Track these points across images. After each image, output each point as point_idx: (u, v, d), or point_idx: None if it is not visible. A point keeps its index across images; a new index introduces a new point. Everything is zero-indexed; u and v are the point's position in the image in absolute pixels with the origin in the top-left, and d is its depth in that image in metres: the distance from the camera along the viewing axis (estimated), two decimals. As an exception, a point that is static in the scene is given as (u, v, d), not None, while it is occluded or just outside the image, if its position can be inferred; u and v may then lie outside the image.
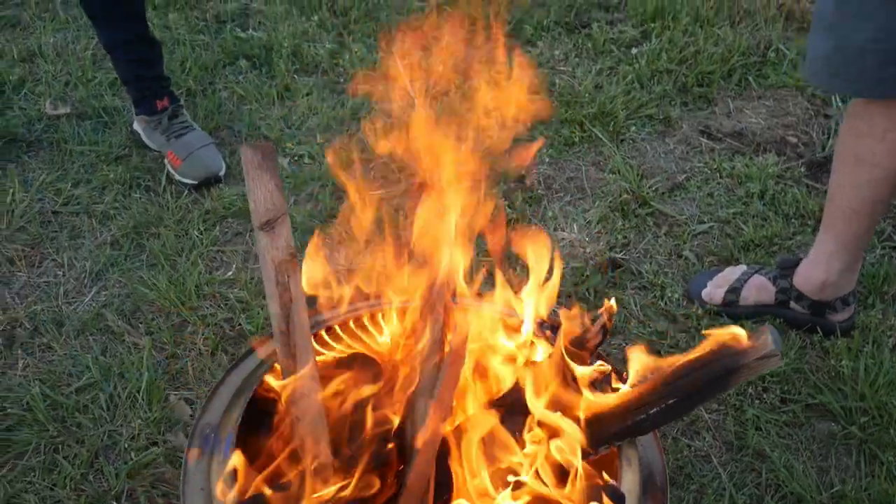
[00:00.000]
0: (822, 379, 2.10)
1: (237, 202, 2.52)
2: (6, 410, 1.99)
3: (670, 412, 1.25)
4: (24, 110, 2.82)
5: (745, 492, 1.90)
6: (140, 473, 1.88)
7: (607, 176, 2.66)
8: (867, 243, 2.06)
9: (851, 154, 1.91)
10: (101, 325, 2.18)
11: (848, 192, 1.97)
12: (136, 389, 2.02)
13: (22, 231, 2.42)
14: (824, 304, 2.16)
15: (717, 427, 2.02)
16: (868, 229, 2.01)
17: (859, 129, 1.87)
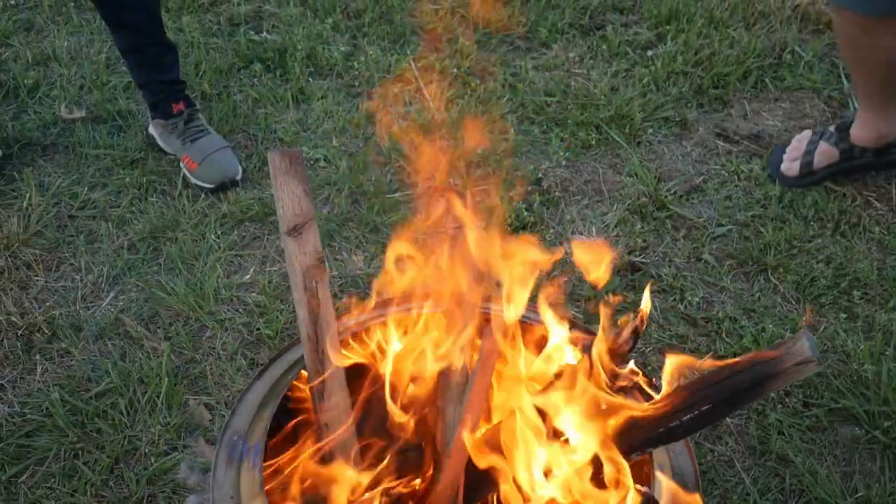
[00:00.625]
0: (845, 383, 2.09)
1: (254, 206, 2.51)
2: (26, 416, 1.99)
3: (704, 419, 1.23)
4: (39, 114, 2.81)
5: (769, 497, 1.89)
6: (161, 479, 1.88)
7: (624, 179, 2.65)
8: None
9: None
10: (119, 330, 2.18)
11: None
12: (156, 394, 2.02)
13: (39, 235, 2.42)
14: (883, 149, 2.56)
15: (740, 432, 2.00)
16: (893, 85, 2.40)
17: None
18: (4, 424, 1.97)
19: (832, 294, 2.30)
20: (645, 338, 2.17)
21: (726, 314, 2.23)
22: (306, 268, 1.37)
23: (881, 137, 2.56)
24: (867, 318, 2.24)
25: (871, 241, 2.46)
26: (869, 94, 2.47)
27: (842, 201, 2.57)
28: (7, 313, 2.18)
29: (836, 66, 3.06)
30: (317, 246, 1.38)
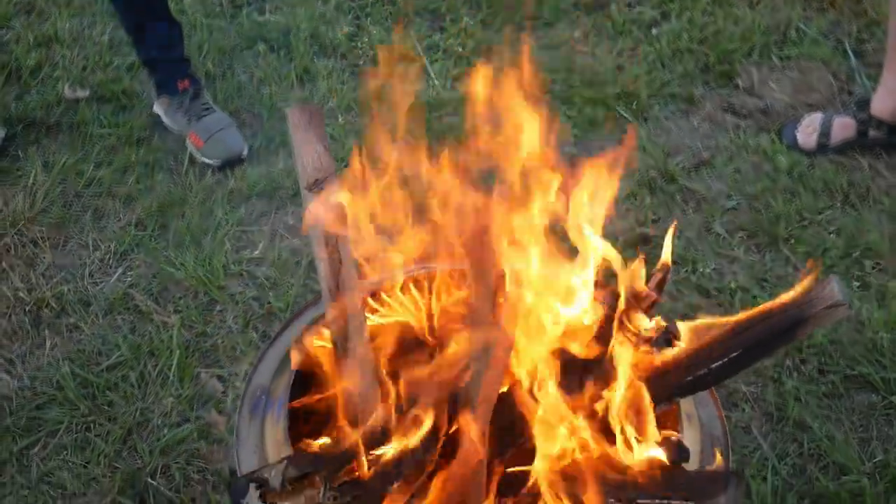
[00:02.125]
0: (860, 351, 2.08)
1: (261, 182, 2.49)
2: (36, 389, 1.97)
3: (732, 366, 1.22)
4: (42, 95, 2.79)
5: (787, 462, 1.88)
6: (174, 449, 1.86)
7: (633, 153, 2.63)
8: None
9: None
10: (128, 305, 2.16)
11: None
12: (167, 367, 2.00)
13: (45, 213, 2.39)
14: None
15: (756, 399, 1.99)
16: None
17: None
18: (15, 398, 1.95)
19: (844, 264, 2.29)
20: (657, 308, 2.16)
21: (738, 284, 2.22)
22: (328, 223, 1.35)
23: None
24: (880, 288, 2.23)
25: (881, 213, 2.45)
26: None
27: (850, 173, 2.57)
28: (14, 289, 2.16)
29: (840, 43, 3.05)
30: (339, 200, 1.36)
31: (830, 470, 1.87)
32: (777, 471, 1.85)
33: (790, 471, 1.87)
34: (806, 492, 1.83)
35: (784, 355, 2.07)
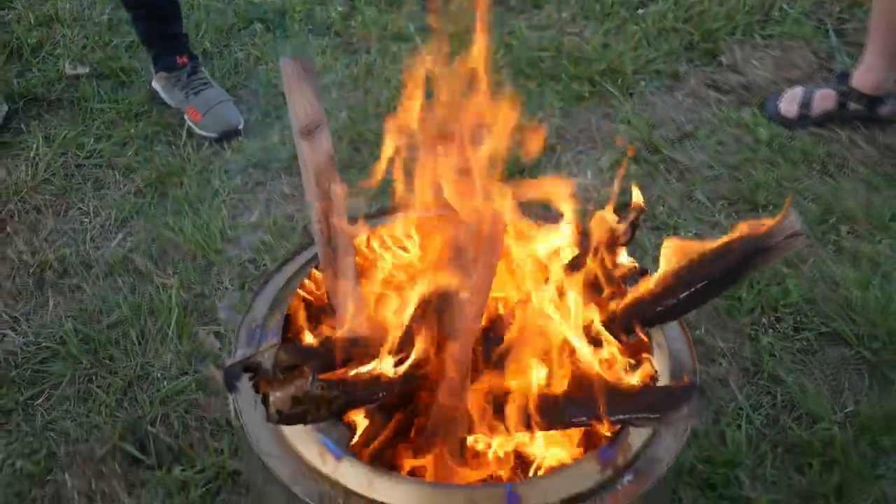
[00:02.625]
0: (834, 309, 2.16)
1: (257, 154, 2.57)
2: (40, 345, 2.04)
3: (699, 296, 1.30)
4: (44, 72, 2.87)
5: (761, 412, 1.95)
6: (173, 400, 1.93)
7: (618, 126, 2.71)
8: None
9: None
10: (129, 267, 2.23)
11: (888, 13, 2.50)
12: (166, 325, 2.07)
13: (47, 182, 2.47)
14: (876, 99, 2.67)
15: (733, 354, 2.07)
16: None
17: None
18: (20, 353, 2.02)
19: (821, 229, 2.37)
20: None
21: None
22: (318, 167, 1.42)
23: (878, 87, 2.66)
24: (854, 251, 2.31)
25: (857, 181, 2.53)
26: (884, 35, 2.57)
27: (829, 145, 2.65)
28: (19, 252, 2.24)
29: (822, 22, 3.14)
30: (328, 147, 1.43)
31: (803, 420, 1.95)
32: (751, 420, 1.93)
33: (764, 421, 1.94)
34: (779, 440, 1.91)
35: (760, 313, 2.15)
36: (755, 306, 2.15)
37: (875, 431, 1.90)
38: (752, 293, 2.17)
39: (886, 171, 2.58)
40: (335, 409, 0.98)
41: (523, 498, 1.15)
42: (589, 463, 1.19)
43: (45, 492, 1.78)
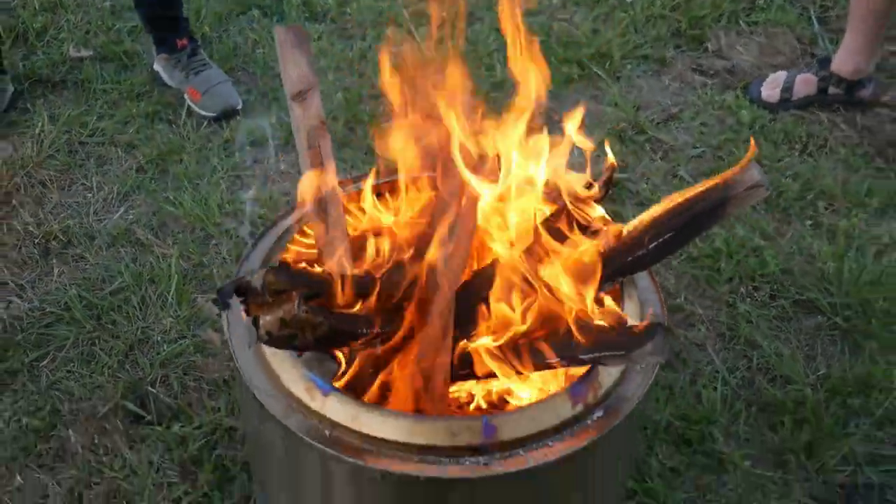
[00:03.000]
0: (810, 280, 2.24)
1: (254, 132, 2.65)
2: (45, 310, 2.12)
3: (667, 246, 1.38)
4: (48, 55, 2.95)
5: (737, 375, 2.04)
6: (173, 362, 2.02)
7: (605, 108, 2.80)
8: (883, 37, 2.72)
9: None
10: (130, 238, 2.32)
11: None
12: (166, 291, 2.16)
13: (51, 158, 2.55)
14: (856, 83, 2.76)
15: (711, 321, 2.15)
16: (882, 26, 2.65)
17: None
18: (25, 318, 2.11)
19: (799, 205, 2.46)
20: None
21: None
22: (310, 129, 1.51)
23: (858, 71, 2.75)
24: (831, 226, 2.39)
25: (836, 161, 2.62)
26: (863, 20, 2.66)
27: (810, 126, 2.73)
28: (24, 223, 2.32)
29: (806, 10, 3.22)
30: (319, 110, 1.52)
31: (777, 382, 2.03)
32: (727, 382, 2.01)
33: (739, 382, 2.03)
34: (753, 400, 1.99)
35: (738, 283, 2.23)
36: (733, 276, 2.24)
37: (845, 393, 1.98)
38: (731, 264, 2.25)
39: (864, 152, 2.66)
40: (320, 334, 1.07)
41: (499, 429, 1.23)
42: (561, 399, 1.27)
43: (49, 446, 1.86)
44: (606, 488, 1.42)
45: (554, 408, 1.27)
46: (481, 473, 1.21)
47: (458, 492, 1.24)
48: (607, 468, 1.38)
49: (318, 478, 1.29)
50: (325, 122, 1.53)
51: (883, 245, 2.33)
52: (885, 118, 2.79)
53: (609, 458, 1.35)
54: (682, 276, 2.25)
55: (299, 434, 1.24)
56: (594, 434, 1.27)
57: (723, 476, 1.84)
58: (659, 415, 1.91)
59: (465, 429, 1.23)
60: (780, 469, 1.86)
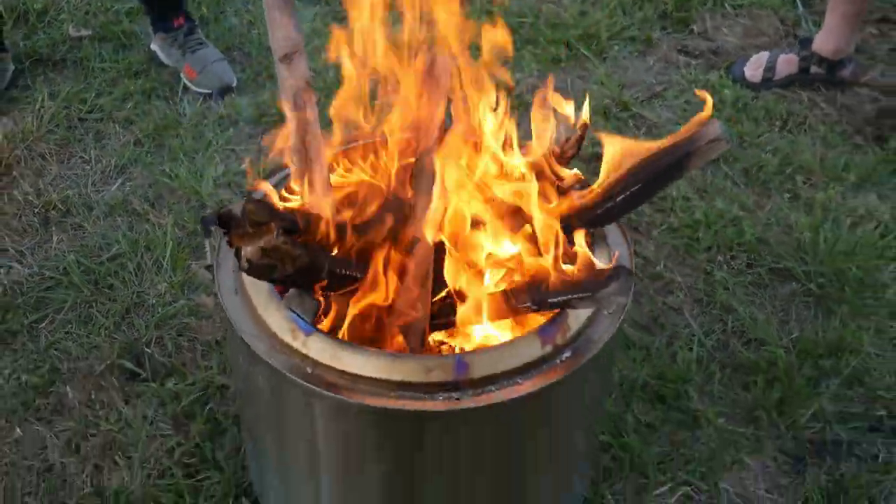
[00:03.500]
0: (786, 249, 2.31)
1: (249, 109, 2.72)
2: (44, 275, 2.20)
3: (635, 198, 1.45)
4: (49, 35, 3.02)
5: (712, 337, 2.11)
6: (167, 324, 2.09)
7: (591, 86, 2.87)
8: (863, 18, 2.83)
9: None
10: (127, 209, 2.39)
11: None
12: (162, 257, 2.23)
13: (51, 133, 2.63)
14: (837, 63, 2.83)
15: (689, 287, 2.22)
16: (862, 9, 2.75)
17: None
18: (25, 282, 2.18)
19: (778, 179, 2.53)
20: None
21: (680, 194, 2.45)
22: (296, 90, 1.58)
23: (838, 51, 2.82)
24: (808, 199, 2.46)
25: (815, 137, 2.69)
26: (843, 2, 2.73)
27: (791, 104, 2.80)
28: (25, 193, 2.39)
29: (790, -8, 3.30)
30: (305, 71, 1.59)
31: (751, 345, 2.10)
32: (703, 344, 2.08)
33: (714, 345, 2.10)
34: (728, 362, 2.06)
35: (716, 252, 2.30)
36: (712, 245, 2.30)
37: (817, 355, 2.05)
38: (709, 233, 2.32)
39: (843, 129, 2.73)
40: (299, 266, 1.14)
41: (470, 366, 1.30)
42: (530, 339, 1.34)
43: (48, 401, 1.93)
44: (574, 428, 1.49)
45: (524, 348, 1.33)
46: (453, 407, 1.28)
47: (431, 425, 1.31)
48: (575, 407, 1.45)
49: (300, 414, 1.36)
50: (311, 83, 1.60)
51: (858, 217, 2.40)
52: (864, 97, 2.86)
53: (576, 397, 1.42)
54: (663, 246, 2.32)
55: (283, 371, 1.31)
56: (562, 373, 1.33)
57: (696, 432, 1.91)
58: (636, 373, 1.99)
59: (439, 366, 1.30)
60: (752, 425, 1.93)
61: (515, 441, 1.39)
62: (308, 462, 1.43)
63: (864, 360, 2.05)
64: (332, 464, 1.40)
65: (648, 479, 1.82)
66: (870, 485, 1.83)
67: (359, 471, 1.39)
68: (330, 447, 1.38)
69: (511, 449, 1.40)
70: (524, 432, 1.38)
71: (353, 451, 1.37)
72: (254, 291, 1.40)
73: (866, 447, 1.91)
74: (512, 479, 1.46)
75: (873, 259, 2.26)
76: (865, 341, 2.07)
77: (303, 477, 1.46)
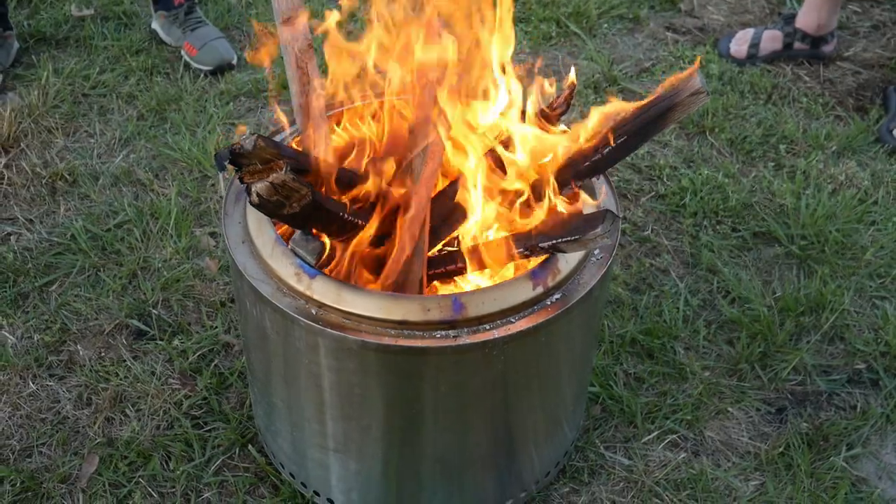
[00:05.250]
0: (770, 214, 2.39)
1: (248, 84, 2.80)
2: (53, 241, 2.27)
3: (620, 150, 1.53)
4: (52, 15, 3.09)
5: (698, 296, 2.19)
6: (173, 286, 2.16)
7: (581, 62, 2.95)
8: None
9: None
10: (132, 179, 2.46)
11: None
12: (166, 224, 2.30)
13: (56, 108, 2.70)
14: (819, 39, 2.93)
15: (676, 250, 2.31)
16: None
17: None
18: (35, 248, 2.25)
19: (762, 149, 2.61)
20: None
21: (668, 163, 2.54)
22: (298, 50, 1.66)
23: (820, 27, 2.91)
24: (791, 167, 2.55)
25: (798, 109, 2.77)
26: None
27: (775, 78, 2.89)
28: (32, 164, 2.47)
29: (775, -28, 3.38)
30: (306, 33, 1.67)
31: (736, 303, 2.18)
32: (689, 302, 2.17)
33: (700, 303, 2.18)
34: (713, 319, 2.14)
35: (702, 216, 2.38)
36: (698, 210, 2.39)
37: (798, 312, 2.14)
38: (695, 199, 2.41)
39: (825, 102, 2.81)
40: (305, 204, 1.21)
41: (466, 306, 1.38)
42: (522, 281, 1.42)
43: (59, 359, 2.01)
44: (565, 367, 1.57)
45: (517, 289, 1.42)
46: (450, 344, 1.36)
47: (429, 360, 1.39)
48: (564, 347, 1.53)
49: (307, 353, 1.44)
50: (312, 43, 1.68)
51: (838, 183, 2.49)
52: (846, 71, 2.94)
53: (565, 337, 1.50)
54: (651, 212, 2.41)
55: (289, 312, 1.39)
56: (552, 313, 1.42)
57: (683, 384, 2.00)
58: (625, 330, 2.07)
59: (437, 306, 1.38)
60: (736, 377, 2.02)
61: (509, 378, 1.47)
62: (314, 401, 1.51)
63: (843, 316, 2.13)
64: (336, 401, 1.48)
65: (637, 428, 1.91)
66: (848, 431, 1.91)
67: (362, 407, 1.48)
68: (334, 384, 1.46)
69: (505, 385, 1.48)
70: (517, 370, 1.47)
71: (356, 388, 1.45)
72: (260, 240, 1.48)
73: (845, 397, 2.00)
74: (506, 415, 1.55)
75: (853, 223, 2.35)
76: (845, 300, 2.16)
77: (309, 415, 1.54)
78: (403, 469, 1.60)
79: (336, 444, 1.56)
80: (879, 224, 2.36)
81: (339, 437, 1.55)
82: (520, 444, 1.63)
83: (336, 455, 1.59)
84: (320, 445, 1.59)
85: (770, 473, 1.83)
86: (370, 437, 1.53)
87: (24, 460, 1.81)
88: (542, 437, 1.68)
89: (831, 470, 1.83)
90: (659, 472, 1.82)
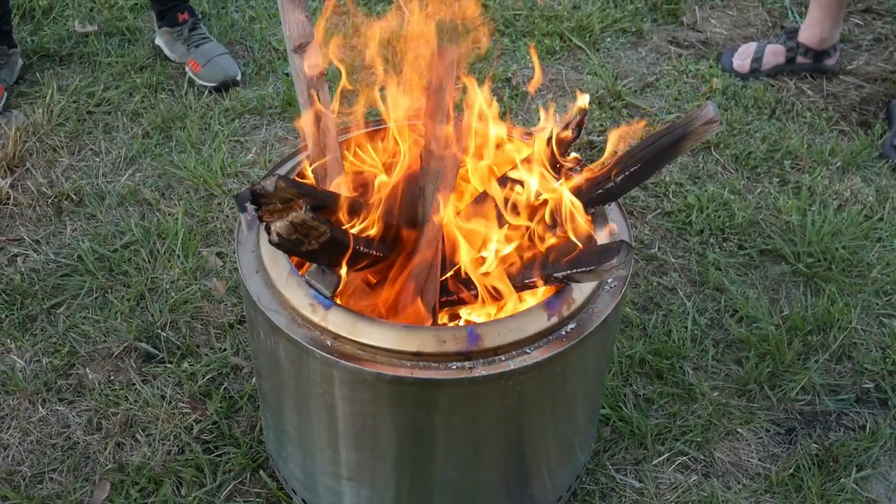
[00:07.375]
0: (776, 231, 2.40)
1: (253, 101, 2.80)
2: (60, 263, 2.27)
3: (633, 178, 1.54)
4: (55, 31, 3.09)
5: (706, 315, 2.19)
6: (181, 308, 2.16)
7: (585, 77, 2.95)
8: (845, 8, 2.95)
9: None
10: (138, 198, 2.46)
11: None
12: (173, 245, 2.30)
13: (61, 126, 2.69)
14: (822, 53, 2.94)
15: (683, 269, 2.31)
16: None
17: None
18: (42, 269, 2.25)
19: (767, 164, 2.62)
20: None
21: (673, 179, 2.54)
22: (309, 78, 1.66)
23: (823, 41, 2.92)
24: (796, 183, 2.56)
25: (802, 124, 2.78)
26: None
27: (779, 93, 2.89)
28: (38, 184, 2.46)
29: (778, -15, 3.39)
30: (317, 60, 1.67)
31: (743, 322, 2.19)
32: (697, 322, 2.17)
33: (708, 322, 2.18)
34: (721, 338, 2.15)
35: (709, 234, 2.39)
36: (704, 228, 2.39)
37: (806, 331, 2.14)
38: (702, 217, 2.41)
39: (829, 116, 2.82)
40: (323, 241, 1.21)
41: (482, 337, 1.38)
42: (538, 311, 1.42)
43: (69, 382, 2.00)
44: (578, 396, 1.58)
45: (532, 319, 1.42)
46: (465, 376, 1.37)
47: (444, 391, 1.40)
48: (578, 376, 1.53)
49: (321, 384, 1.44)
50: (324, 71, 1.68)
51: (843, 199, 2.49)
52: (849, 85, 2.95)
53: (580, 366, 1.50)
54: (657, 229, 2.41)
55: (304, 343, 1.39)
56: (567, 343, 1.42)
57: (692, 405, 2.00)
58: (634, 350, 2.07)
59: (452, 337, 1.38)
60: (745, 398, 2.02)
61: (524, 407, 1.48)
62: (327, 430, 1.51)
63: (851, 335, 2.14)
64: (350, 430, 1.48)
65: (647, 450, 1.91)
66: (858, 452, 1.92)
67: (376, 437, 1.48)
68: (348, 414, 1.46)
69: (519, 415, 1.48)
70: (532, 399, 1.47)
71: (370, 418, 1.45)
72: (274, 270, 1.48)
73: (854, 417, 2.00)
74: (520, 443, 1.55)
75: (859, 239, 2.36)
76: (853, 318, 2.16)
77: (322, 443, 1.54)
78: (415, 496, 1.60)
79: (349, 472, 1.57)
80: (885, 241, 2.37)
81: (352, 466, 1.55)
82: (533, 470, 1.64)
83: (349, 483, 1.59)
84: (333, 473, 1.59)
85: (780, 496, 1.83)
86: (383, 466, 1.53)
87: (34, 487, 1.81)
88: (554, 462, 1.68)
89: (842, 492, 1.83)
90: (670, 495, 1.83)
